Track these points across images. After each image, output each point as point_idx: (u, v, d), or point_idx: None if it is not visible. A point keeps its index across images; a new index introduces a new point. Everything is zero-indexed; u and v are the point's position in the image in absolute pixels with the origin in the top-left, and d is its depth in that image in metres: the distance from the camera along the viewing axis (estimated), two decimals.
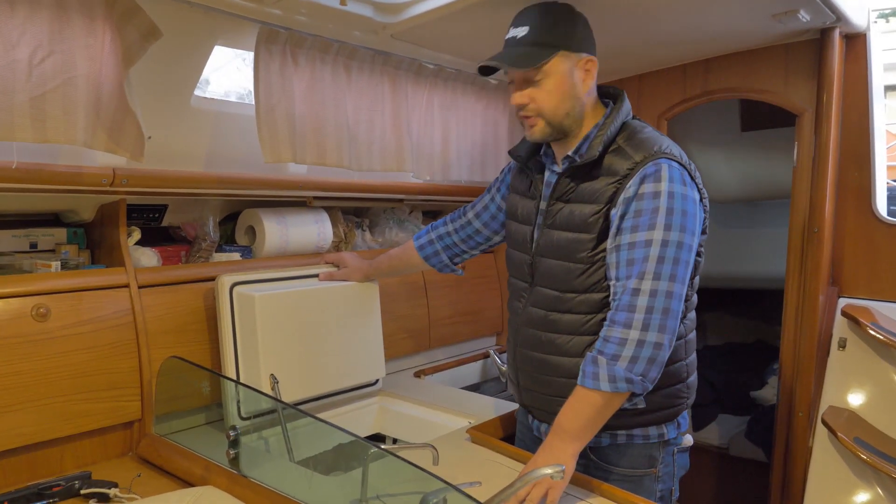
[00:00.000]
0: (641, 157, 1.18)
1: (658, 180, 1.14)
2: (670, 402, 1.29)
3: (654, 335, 1.09)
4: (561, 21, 1.20)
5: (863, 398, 1.79)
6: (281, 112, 1.46)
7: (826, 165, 1.84)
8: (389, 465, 1.12)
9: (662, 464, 1.31)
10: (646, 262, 1.10)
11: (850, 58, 1.89)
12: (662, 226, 1.11)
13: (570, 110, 1.22)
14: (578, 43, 1.20)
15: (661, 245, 1.11)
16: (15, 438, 1.23)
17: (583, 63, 1.21)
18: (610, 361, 1.11)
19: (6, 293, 1.25)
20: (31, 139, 1.09)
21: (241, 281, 1.50)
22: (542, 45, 1.18)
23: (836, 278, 1.96)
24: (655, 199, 1.12)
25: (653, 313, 1.09)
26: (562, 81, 1.19)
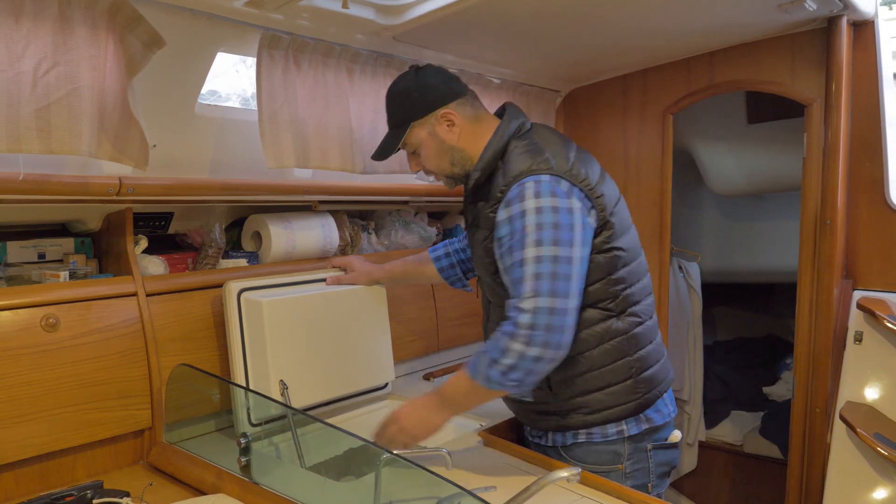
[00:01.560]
0: (510, 179, 1.24)
1: (522, 199, 1.19)
2: (620, 399, 1.31)
3: (534, 350, 1.15)
4: (399, 100, 1.35)
5: (881, 392, 1.77)
6: (284, 117, 1.46)
7: (837, 156, 1.82)
8: (402, 470, 1.11)
9: (631, 460, 1.32)
10: (524, 283, 1.16)
11: (859, 46, 1.86)
12: (533, 243, 1.17)
13: (452, 160, 1.34)
14: (424, 107, 1.32)
15: (534, 262, 1.16)
16: (27, 448, 1.23)
17: (437, 119, 1.32)
18: (490, 363, 1.18)
19: (16, 304, 1.25)
20: (37, 150, 1.10)
21: (248, 287, 1.50)
22: (396, 127, 1.35)
23: (851, 270, 1.93)
24: (522, 219, 1.18)
25: (534, 329, 1.15)
26: (428, 145, 1.33)
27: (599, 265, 1.27)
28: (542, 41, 1.79)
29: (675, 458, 1.40)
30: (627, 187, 2.22)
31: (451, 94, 1.32)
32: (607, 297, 1.28)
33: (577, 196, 1.22)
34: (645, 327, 1.33)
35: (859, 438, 1.65)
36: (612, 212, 1.28)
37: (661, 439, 1.36)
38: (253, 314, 1.46)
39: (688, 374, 2.59)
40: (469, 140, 1.33)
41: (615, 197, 1.33)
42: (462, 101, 1.33)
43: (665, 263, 2.18)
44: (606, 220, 1.27)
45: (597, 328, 1.29)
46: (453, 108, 1.32)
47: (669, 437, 1.37)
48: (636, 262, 1.34)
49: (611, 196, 1.30)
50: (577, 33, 1.75)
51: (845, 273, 1.93)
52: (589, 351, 1.29)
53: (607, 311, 1.29)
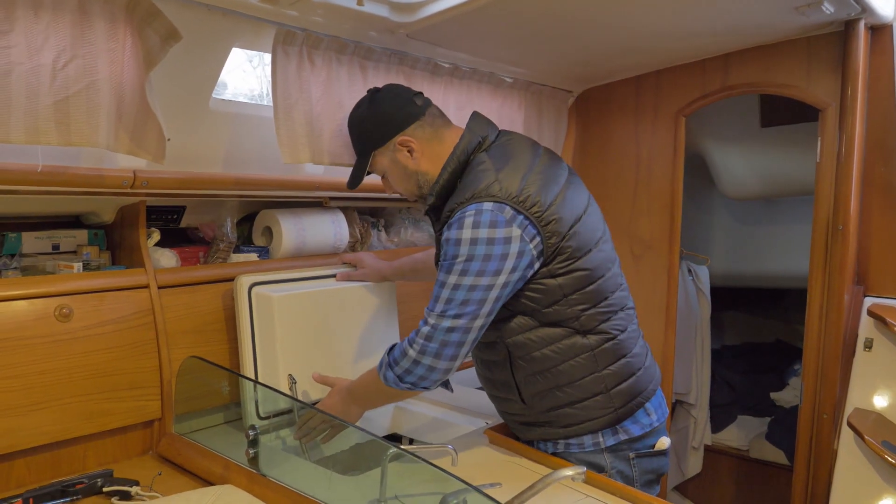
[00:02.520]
0: (455, 204, 1.25)
1: (460, 227, 1.21)
2: (592, 413, 1.31)
3: (428, 360, 1.23)
4: (357, 130, 1.37)
5: (890, 400, 1.75)
6: (299, 113, 1.46)
7: (851, 161, 1.80)
8: (408, 465, 1.12)
9: (613, 469, 1.32)
10: (437, 301, 1.23)
11: (876, 50, 1.84)
12: (458, 272, 1.21)
13: (417, 182, 1.35)
14: (380, 135, 1.33)
15: (451, 288, 1.21)
16: (39, 437, 1.25)
17: (395, 147, 1.33)
18: (390, 364, 1.27)
19: (30, 294, 1.27)
20: (56, 142, 1.11)
21: (259, 281, 1.50)
22: (360, 156, 1.38)
23: (862, 277, 1.91)
24: (457, 247, 1.21)
25: (430, 342, 1.22)
26: (394, 170, 1.35)
27: (555, 288, 1.25)
28: (555, 41, 1.78)
29: (663, 466, 1.39)
30: (638, 189, 2.21)
31: (406, 119, 1.32)
32: (568, 316, 1.27)
33: (518, 224, 1.20)
34: (616, 342, 1.31)
35: (867, 446, 1.64)
36: (567, 234, 1.25)
37: (647, 447, 1.34)
38: (263, 308, 1.47)
39: (695, 378, 2.58)
40: (431, 162, 1.32)
41: (575, 215, 1.28)
42: (420, 124, 1.32)
43: (675, 266, 2.17)
44: (558, 245, 1.24)
45: (561, 345, 1.28)
46: (410, 134, 1.32)
47: (656, 444, 1.36)
48: (603, 279, 1.30)
49: (568, 216, 1.26)
50: (591, 33, 1.75)
51: (857, 279, 1.91)
52: (556, 367, 1.29)
53: (571, 328, 1.28)
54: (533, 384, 1.31)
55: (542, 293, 1.26)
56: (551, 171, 1.31)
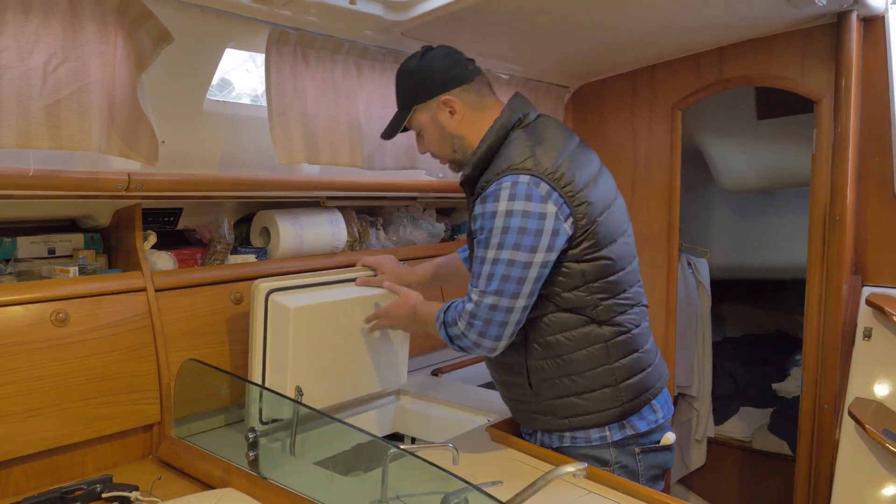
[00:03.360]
0: (492, 175, 1.25)
1: (496, 200, 1.21)
2: (600, 405, 1.30)
3: (472, 336, 1.24)
4: (404, 82, 1.36)
5: (890, 389, 1.76)
6: (293, 113, 1.46)
7: (846, 152, 1.80)
8: (409, 465, 1.12)
9: (618, 464, 1.31)
10: (479, 277, 1.23)
11: (869, 41, 1.84)
12: (495, 245, 1.20)
13: (452, 147, 1.35)
14: (426, 91, 1.32)
15: (491, 263, 1.21)
16: (37, 443, 1.24)
17: (438, 105, 1.32)
18: (445, 322, 1.30)
19: (26, 299, 1.26)
20: (47, 146, 1.10)
21: (277, 288, 1.44)
22: (401, 108, 1.37)
23: (860, 267, 1.92)
24: (492, 219, 1.21)
25: (475, 319, 1.23)
26: (430, 130, 1.35)
27: (578, 273, 1.25)
28: (550, 37, 1.78)
29: (668, 461, 1.38)
30: (636, 184, 2.21)
31: (454, 81, 1.31)
32: (587, 304, 1.27)
33: (553, 201, 1.20)
34: (630, 336, 1.30)
35: (868, 435, 1.64)
36: (596, 220, 1.25)
37: (653, 442, 1.34)
38: (279, 318, 1.43)
39: (696, 371, 2.58)
40: (470, 128, 1.32)
41: (605, 203, 1.28)
42: (466, 88, 1.32)
43: (674, 260, 2.17)
44: (587, 229, 1.24)
45: (575, 332, 1.28)
46: (455, 95, 1.31)
47: (662, 439, 1.35)
48: (624, 272, 1.30)
49: (598, 203, 1.26)
50: (586, 29, 1.75)
51: (854, 269, 1.92)
52: (567, 354, 1.28)
53: (588, 317, 1.28)
54: (543, 370, 1.30)
55: (566, 276, 1.25)
56: (585, 157, 1.32)
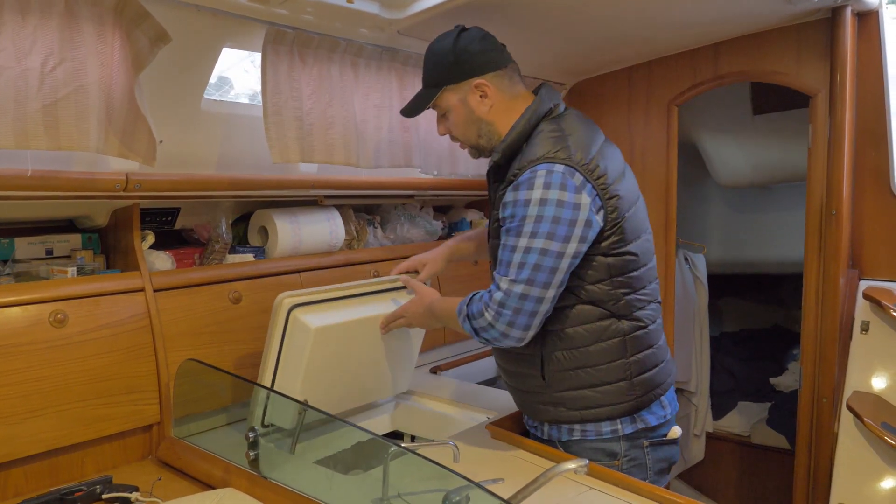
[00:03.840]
0: (525, 163, 1.23)
1: (530, 188, 1.19)
2: (613, 398, 1.30)
3: (501, 326, 1.22)
4: (436, 60, 1.30)
5: (888, 382, 1.76)
6: (289, 112, 1.46)
7: (842, 146, 1.81)
8: (410, 463, 1.12)
9: (627, 457, 1.32)
10: (509, 266, 1.21)
11: (863, 36, 1.85)
12: (528, 234, 1.19)
13: (478, 131, 1.32)
14: (459, 73, 1.28)
15: (523, 252, 1.19)
16: (36, 444, 1.23)
17: (470, 88, 1.29)
18: (468, 315, 1.27)
19: (24, 300, 1.25)
20: (45, 147, 1.10)
21: (300, 303, 1.39)
22: (428, 87, 1.32)
23: (857, 261, 1.93)
24: (525, 207, 1.19)
25: (504, 308, 1.21)
26: (459, 112, 1.31)
27: (604, 266, 1.25)
28: (546, 34, 1.78)
29: (675, 454, 1.39)
30: None
31: (489, 65, 1.28)
32: (609, 298, 1.27)
33: (587, 192, 1.20)
34: (646, 332, 1.31)
35: (866, 428, 1.65)
36: (625, 215, 1.25)
37: (660, 436, 1.35)
38: (299, 335, 1.38)
39: (695, 366, 2.58)
40: (500, 114, 1.30)
41: (632, 199, 1.29)
42: (500, 74, 1.29)
43: (671, 255, 2.18)
44: (617, 223, 1.24)
45: (594, 325, 1.28)
46: (489, 80, 1.28)
47: (669, 433, 1.36)
48: (646, 268, 1.31)
49: (627, 197, 1.27)
50: (582, 26, 1.75)
51: (851, 263, 1.92)
52: (585, 347, 1.28)
53: (608, 311, 1.28)
54: (558, 361, 1.29)
55: (592, 269, 1.25)
56: (611, 152, 1.32)
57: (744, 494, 2.60)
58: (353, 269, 1.84)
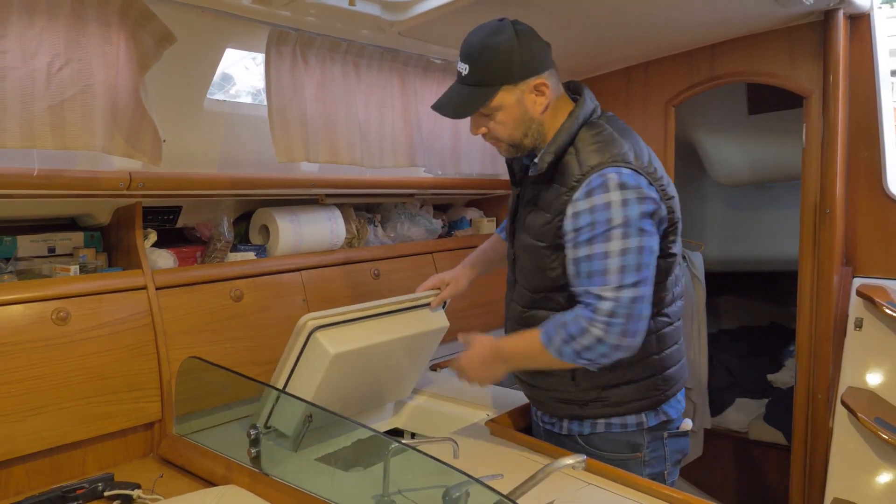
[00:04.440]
0: (590, 167, 1.19)
1: (607, 191, 1.15)
2: (644, 394, 1.32)
3: (613, 338, 1.14)
4: (498, 56, 1.20)
5: (881, 378, 1.79)
6: (293, 112, 1.47)
7: (835, 146, 1.84)
8: (411, 459, 1.13)
9: (649, 449, 1.33)
10: (608, 274, 1.14)
11: (855, 38, 1.88)
12: (620, 235, 1.14)
13: (527, 132, 1.25)
14: (521, 72, 1.20)
15: (620, 255, 1.14)
16: (38, 442, 1.24)
17: (531, 88, 1.22)
18: (566, 339, 1.17)
19: (26, 297, 1.26)
20: (51, 146, 1.11)
21: (323, 325, 1.36)
22: (483, 86, 1.20)
23: (850, 258, 1.95)
24: (607, 210, 1.14)
25: (615, 318, 1.14)
26: (512, 112, 1.22)
27: (661, 268, 1.25)
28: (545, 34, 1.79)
29: (687, 446, 1.41)
30: None
31: (547, 64, 1.23)
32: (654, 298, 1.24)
33: (654, 192, 1.19)
34: (673, 328, 1.33)
35: (860, 423, 1.67)
36: (679, 217, 1.26)
37: (675, 427, 1.37)
38: (316, 357, 1.36)
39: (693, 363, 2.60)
40: (549, 115, 1.25)
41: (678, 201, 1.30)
42: (552, 73, 1.24)
43: None
44: (674, 224, 1.24)
45: None
46: (546, 79, 1.22)
47: (682, 425, 1.39)
48: (679, 267, 1.33)
49: (677, 198, 1.28)
50: (580, 27, 1.77)
51: (845, 261, 1.95)
52: None
53: None
54: None
55: None
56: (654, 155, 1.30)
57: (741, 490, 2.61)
58: (354, 267, 1.85)
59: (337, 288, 1.79)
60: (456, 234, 2.27)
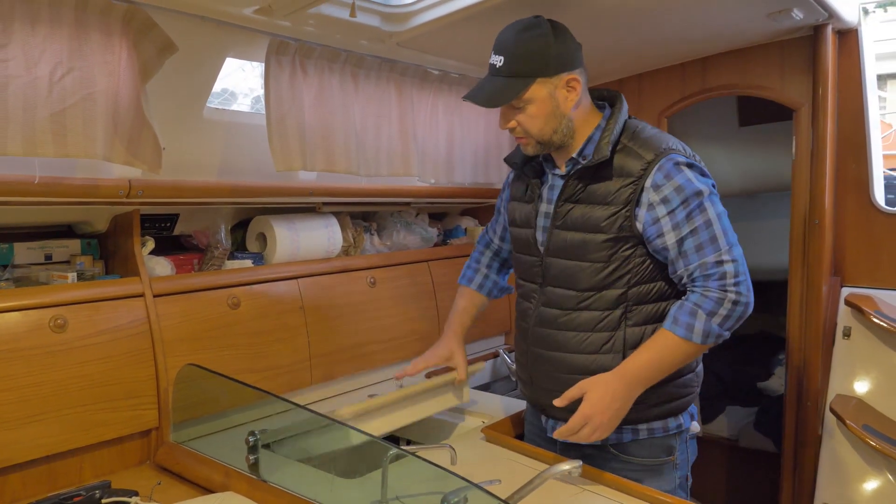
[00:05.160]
0: (653, 155, 1.24)
1: (681, 170, 1.22)
2: (683, 391, 1.33)
3: (745, 295, 1.20)
4: (534, 48, 1.22)
5: (869, 385, 1.82)
6: (291, 121, 1.48)
7: (824, 158, 1.88)
8: (408, 465, 1.13)
9: (679, 451, 1.35)
10: (716, 240, 1.20)
11: (844, 52, 1.93)
12: (710, 204, 1.22)
13: (557, 127, 1.26)
14: (556, 66, 1.23)
15: (717, 220, 1.21)
16: (35, 449, 1.23)
17: (563, 83, 1.24)
18: (708, 317, 1.19)
19: (24, 305, 1.25)
20: (53, 154, 1.11)
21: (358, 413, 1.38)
22: (517, 77, 1.22)
23: (839, 268, 1.99)
24: (691, 185, 1.21)
25: (740, 276, 1.19)
26: (543, 105, 1.24)
27: None
28: None
29: (697, 450, 1.43)
30: None
31: (580, 62, 1.26)
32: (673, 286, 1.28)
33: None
34: None
35: (849, 430, 1.70)
36: None
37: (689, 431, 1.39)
38: None
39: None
40: (579, 112, 1.27)
41: None
42: (583, 72, 1.27)
43: None
44: None
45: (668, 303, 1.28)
46: (578, 76, 1.25)
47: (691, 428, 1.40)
48: None
49: None
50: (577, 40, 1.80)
51: (833, 270, 1.99)
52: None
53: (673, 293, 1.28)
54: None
55: None
56: None
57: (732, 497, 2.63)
58: (350, 275, 1.86)
59: (334, 296, 1.79)
60: (451, 243, 2.29)
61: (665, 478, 1.32)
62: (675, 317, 1.21)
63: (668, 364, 1.23)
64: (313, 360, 1.72)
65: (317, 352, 1.73)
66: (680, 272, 1.23)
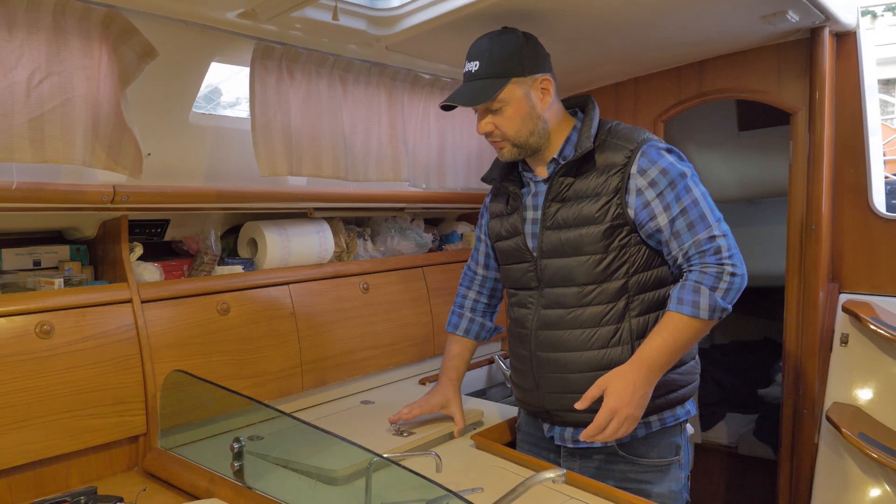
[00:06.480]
0: (634, 144, 1.28)
1: (662, 155, 1.26)
2: (688, 378, 1.35)
3: (740, 266, 1.23)
4: (509, 50, 1.27)
5: (866, 394, 1.79)
6: (277, 126, 1.47)
7: (821, 163, 1.85)
8: (392, 473, 1.13)
9: (683, 450, 1.37)
10: (705, 218, 1.24)
11: (841, 55, 1.90)
12: (693, 183, 1.26)
13: (534, 129, 1.30)
14: (530, 66, 1.28)
15: (703, 198, 1.25)
16: (21, 455, 1.23)
17: (537, 84, 1.29)
18: (711, 292, 1.20)
19: (10, 311, 1.26)
20: (30, 160, 1.11)
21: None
22: (494, 77, 1.27)
23: (836, 274, 1.96)
24: (674, 167, 1.25)
25: (733, 249, 1.23)
26: (519, 106, 1.28)
27: None
28: None
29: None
30: None
31: (550, 67, 1.32)
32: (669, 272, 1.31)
33: None
34: None
35: (845, 439, 1.67)
36: None
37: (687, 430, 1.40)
38: None
39: None
40: (552, 116, 1.31)
41: None
42: (553, 77, 1.32)
43: None
44: None
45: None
46: (550, 78, 1.30)
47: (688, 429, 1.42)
48: None
49: None
50: (569, 44, 1.78)
51: (831, 277, 1.96)
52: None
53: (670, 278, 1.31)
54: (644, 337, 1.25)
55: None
56: None
57: None
58: (343, 280, 1.86)
59: (325, 302, 1.79)
60: (447, 249, 2.28)
61: (673, 477, 1.33)
62: (679, 297, 1.21)
63: (681, 345, 1.23)
64: (304, 367, 1.72)
65: (308, 358, 1.72)
66: (675, 253, 1.25)
